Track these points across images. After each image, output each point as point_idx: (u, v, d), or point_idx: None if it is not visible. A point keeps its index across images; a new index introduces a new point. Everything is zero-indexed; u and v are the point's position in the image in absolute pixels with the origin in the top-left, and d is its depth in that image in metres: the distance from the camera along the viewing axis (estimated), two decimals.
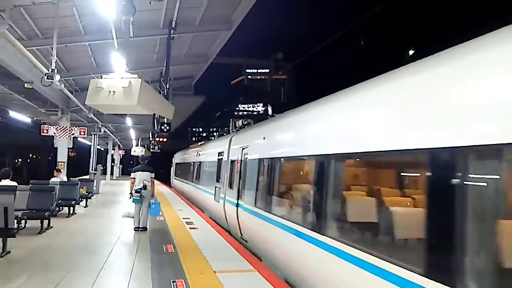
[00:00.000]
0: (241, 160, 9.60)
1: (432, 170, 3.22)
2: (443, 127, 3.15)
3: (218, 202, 11.62)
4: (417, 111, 3.56)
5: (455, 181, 2.90)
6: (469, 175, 2.88)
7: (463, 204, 2.83)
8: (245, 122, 12.40)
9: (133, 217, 9.87)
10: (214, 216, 12.53)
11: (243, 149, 9.57)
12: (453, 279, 2.78)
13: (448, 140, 3.04)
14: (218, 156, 12.82)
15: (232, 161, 10.64)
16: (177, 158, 29.18)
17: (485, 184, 2.83)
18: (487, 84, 2.89)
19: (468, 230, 2.76)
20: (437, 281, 2.90)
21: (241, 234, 9.02)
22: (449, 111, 3.13)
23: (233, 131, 13.38)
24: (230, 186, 10.47)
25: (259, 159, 8.17)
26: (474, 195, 2.83)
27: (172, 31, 11.32)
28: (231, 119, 14.62)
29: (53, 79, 8.52)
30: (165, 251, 7.52)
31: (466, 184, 2.86)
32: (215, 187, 12.39)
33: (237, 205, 9.34)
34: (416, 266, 3.13)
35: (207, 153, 16.34)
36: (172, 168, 32.02)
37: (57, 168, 14.66)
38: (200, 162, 17.28)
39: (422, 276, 3.03)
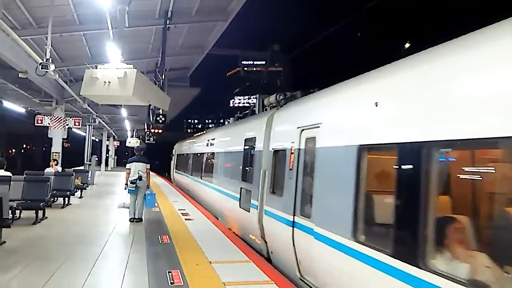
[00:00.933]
0: (299, 149, 6.04)
1: None
2: None
3: (248, 211, 8.16)
4: None
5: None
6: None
7: None
8: (284, 96, 8.23)
9: (128, 208, 9.87)
10: (237, 229, 9.31)
11: (303, 130, 6.01)
12: None
13: None
14: (245, 144, 9.28)
15: (277, 151, 7.11)
16: (179, 148, 24.92)
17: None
18: None
19: None
20: None
21: (301, 274, 5.65)
22: None
23: (267, 110, 9.39)
24: (273, 190, 7.10)
25: (359, 147, 4.29)
26: None
27: (168, 21, 11.22)
28: (258, 94, 11.15)
29: (47, 69, 8.47)
30: (160, 242, 7.53)
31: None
32: (241, 188, 8.94)
33: (294, 224, 5.81)
34: None
35: (225, 140, 12.52)
36: (172, 160, 27.71)
37: (53, 158, 14.62)
38: (213, 153, 13.52)
39: None
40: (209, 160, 14.30)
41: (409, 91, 3.86)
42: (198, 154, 16.68)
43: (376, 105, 4.15)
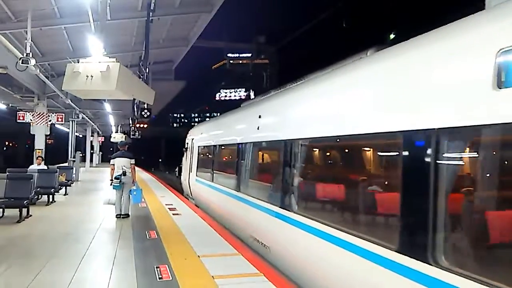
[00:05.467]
0: None
1: None
2: None
3: None
4: None
5: None
6: None
7: None
8: None
9: (114, 204, 9.77)
10: None
11: None
12: None
13: None
14: None
15: None
16: (206, 135, 13.20)
17: None
18: None
19: None
20: None
21: None
22: None
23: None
24: None
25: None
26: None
27: (151, 13, 11.07)
28: None
29: (28, 64, 8.29)
30: (148, 237, 7.47)
31: None
32: None
33: None
34: None
35: None
36: (186, 157, 15.80)
37: (39, 155, 14.41)
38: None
39: None
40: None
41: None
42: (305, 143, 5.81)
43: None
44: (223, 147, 10.88)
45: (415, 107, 3.60)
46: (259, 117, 7.77)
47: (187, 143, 15.99)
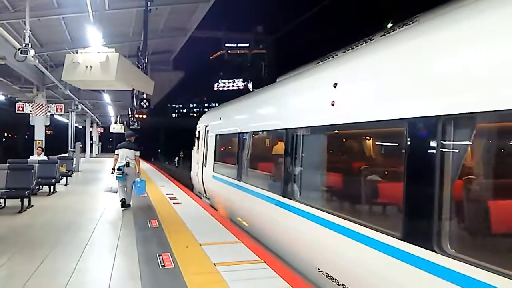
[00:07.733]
0: None
1: None
2: None
3: None
4: None
5: None
6: None
7: None
8: None
9: (116, 192, 9.77)
10: None
11: None
12: None
13: None
14: None
15: None
16: (228, 121, 10.38)
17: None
18: None
19: None
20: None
21: None
22: None
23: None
24: None
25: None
26: None
27: (148, 3, 11.01)
28: None
29: (27, 54, 8.27)
30: (149, 226, 7.55)
31: None
32: None
33: None
34: None
35: None
36: (198, 149, 13.33)
37: (39, 146, 14.45)
38: None
39: None
40: None
41: None
42: None
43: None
44: (256, 135, 8.46)
45: None
46: (334, 86, 4.90)
47: (199, 132, 13.41)
